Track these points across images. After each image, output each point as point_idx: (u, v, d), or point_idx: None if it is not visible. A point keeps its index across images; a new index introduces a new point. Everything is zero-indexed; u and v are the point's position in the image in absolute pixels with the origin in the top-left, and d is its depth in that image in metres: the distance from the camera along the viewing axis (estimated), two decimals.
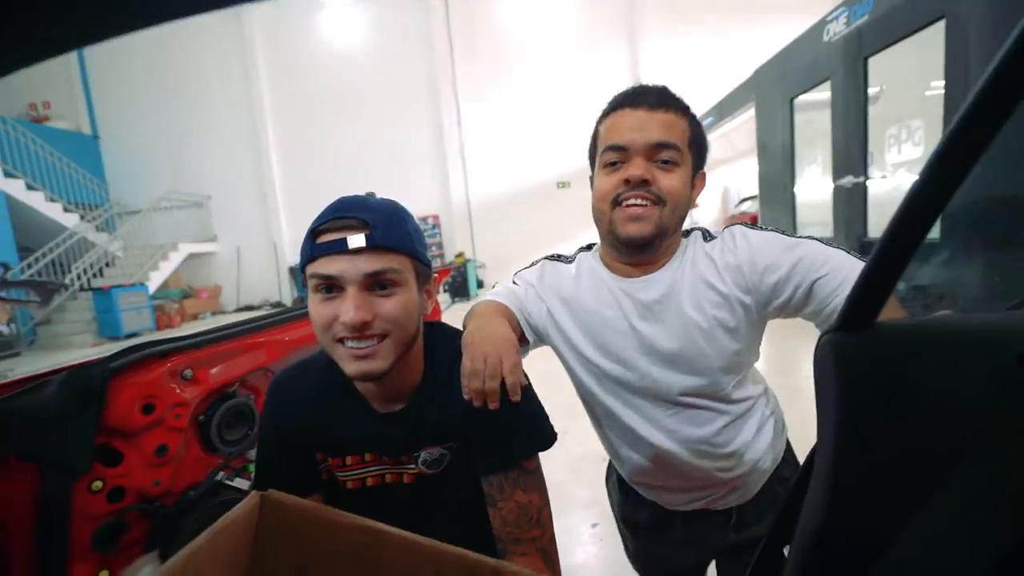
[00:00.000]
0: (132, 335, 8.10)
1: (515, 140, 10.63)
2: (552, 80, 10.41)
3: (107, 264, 9.82)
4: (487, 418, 0.70)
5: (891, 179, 4.12)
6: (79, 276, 8.93)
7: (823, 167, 5.13)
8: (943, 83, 3.30)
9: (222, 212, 11.45)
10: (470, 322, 0.81)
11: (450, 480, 0.76)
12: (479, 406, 0.70)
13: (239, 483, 1.21)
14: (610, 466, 1.04)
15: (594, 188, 0.83)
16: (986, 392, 0.35)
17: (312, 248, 0.65)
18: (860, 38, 4.22)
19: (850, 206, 4.55)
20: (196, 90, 11.22)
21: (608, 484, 1.08)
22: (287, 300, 11.25)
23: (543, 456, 0.75)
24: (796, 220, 5.76)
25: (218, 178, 11.32)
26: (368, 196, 0.72)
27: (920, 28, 3.53)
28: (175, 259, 10.41)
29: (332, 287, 0.65)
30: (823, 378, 0.40)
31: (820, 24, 4.84)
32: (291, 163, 11.24)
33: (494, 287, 0.94)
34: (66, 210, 9.69)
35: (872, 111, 4.26)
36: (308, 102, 11.00)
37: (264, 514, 0.45)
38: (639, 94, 0.79)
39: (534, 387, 0.76)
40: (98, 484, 0.96)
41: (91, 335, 8.23)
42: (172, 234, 10.76)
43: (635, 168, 0.76)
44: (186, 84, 11.22)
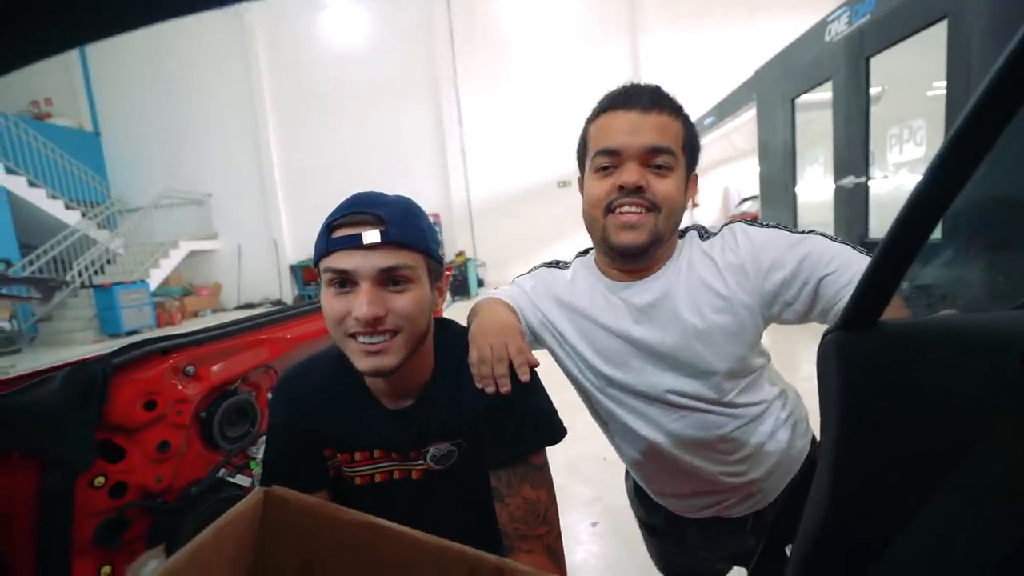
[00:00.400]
0: (133, 332, 8.10)
1: (516, 139, 10.62)
2: (553, 79, 10.40)
3: (108, 261, 9.82)
4: (496, 412, 0.71)
5: (893, 179, 4.11)
6: (80, 273, 8.94)
7: (824, 167, 5.13)
8: (945, 83, 3.29)
9: (223, 210, 11.45)
10: (473, 318, 0.82)
11: (458, 476, 0.76)
12: (492, 392, 0.71)
13: (240, 480, 1.21)
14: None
15: (585, 193, 0.80)
16: (989, 392, 0.35)
17: (327, 242, 0.65)
18: (862, 38, 4.21)
19: (851, 206, 4.54)
20: (197, 88, 11.21)
21: (627, 484, 1.07)
22: (288, 298, 11.25)
23: None
24: (797, 220, 5.75)
25: (219, 176, 11.33)
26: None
27: (922, 28, 3.53)
28: (176, 256, 10.41)
29: (346, 282, 0.65)
30: (826, 377, 0.40)
31: (821, 24, 4.83)
32: (292, 161, 11.24)
33: (496, 290, 0.94)
34: (67, 207, 9.69)
35: (874, 111, 4.25)
36: (309, 100, 10.99)
37: (268, 510, 0.45)
38: (631, 94, 0.76)
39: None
40: (100, 480, 0.96)
41: (92, 332, 8.23)
42: (173, 231, 10.76)
43: (629, 174, 0.73)
44: (187, 82, 11.21)
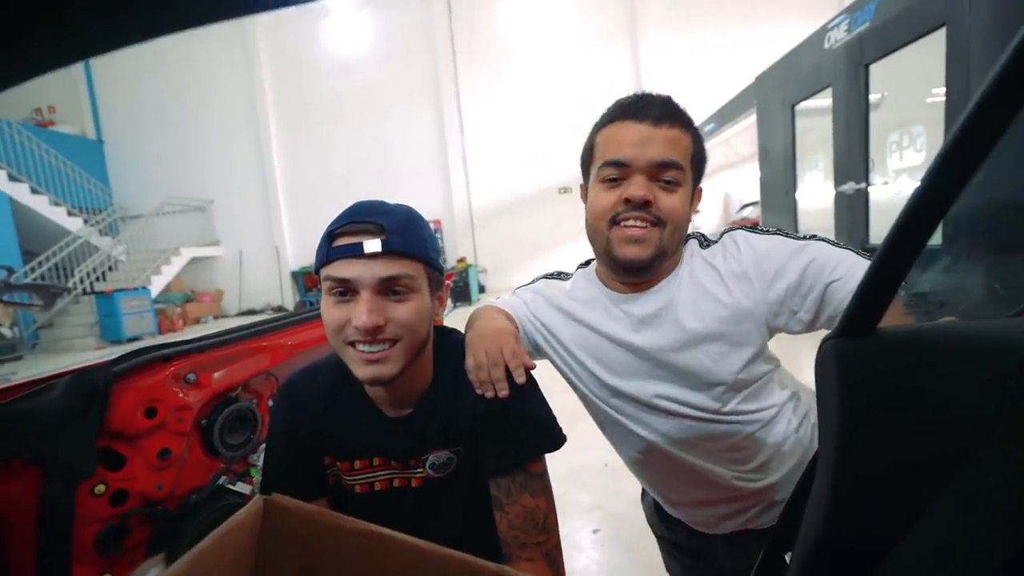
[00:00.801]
0: (134, 339, 8.10)
1: (517, 145, 10.67)
2: (554, 85, 10.46)
3: (110, 268, 9.85)
4: (495, 420, 0.71)
5: (893, 185, 4.12)
6: (82, 280, 8.96)
7: (825, 173, 5.14)
8: (944, 90, 3.31)
9: (225, 216, 11.49)
10: (470, 326, 0.82)
11: (457, 484, 0.76)
12: (491, 396, 0.71)
13: (241, 487, 1.21)
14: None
15: (589, 203, 0.79)
16: (987, 399, 0.35)
17: (328, 251, 0.65)
18: (861, 45, 4.24)
19: (852, 212, 4.55)
20: (200, 95, 11.29)
21: (644, 502, 1.05)
22: (289, 304, 11.26)
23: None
24: (798, 226, 5.76)
25: (221, 182, 11.38)
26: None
27: (921, 36, 3.55)
28: (177, 263, 10.43)
29: (346, 290, 0.65)
30: (825, 384, 0.40)
31: (821, 31, 4.86)
32: (294, 168, 11.29)
33: (496, 299, 0.93)
34: (70, 214, 9.72)
35: (873, 117, 4.27)
36: (311, 107, 11.06)
37: (268, 518, 0.45)
38: (642, 106, 0.74)
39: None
40: (101, 487, 0.96)
41: (93, 339, 8.24)
42: (175, 238, 10.79)
43: (636, 187, 0.72)
44: (190, 89, 11.29)
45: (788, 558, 0.59)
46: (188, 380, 1.12)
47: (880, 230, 4.27)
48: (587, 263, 0.92)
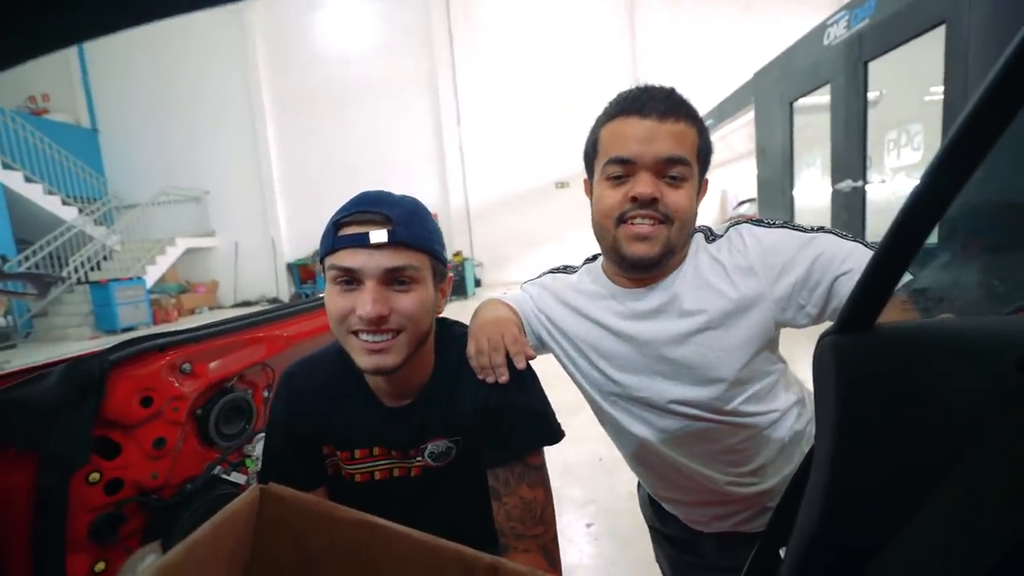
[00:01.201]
0: (129, 329, 8.07)
1: (514, 139, 10.63)
2: (552, 79, 10.42)
3: (105, 258, 9.79)
4: (495, 411, 0.72)
5: (890, 184, 4.13)
6: (76, 269, 8.90)
7: (822, 170, 5.15)
8: (943, 88, 3.31)
9: (220, 207, 11.43)
10: (474, 318, 0.83)
11: (455, 474, 0.76)
12: (491, 382, 0.72)
13: (236, 477, 1.21)
14: None
15: (595, 201, 0.78)
16: (985, 396, 0.35)
17: (334, 240, 0.65)
18: (860, 42, 4.24)
19: (849, 210, 4.57)
20: (196, 84, 11.19)
21: (639, 492, 1.06)
22: (284, 296, 11.24)
23: None
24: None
25: (217, 173, 11.30)
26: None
27: (920, 33, 3.55)
28: (173, 254, 10.38)
29: (351, 280, 0.65)
30: (822, 379, 0.40)
31: (820, 28, 4.85)
32: (289, 159, 11.23)
33: (503, 293, 0.93)
34: (64, 203, 9.66)
35: (871, 115, 4.28)
36: (307, 98, 10.98)
37: (264, 507, 0.45)
38: (646, 100, 0.72)
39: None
40: (96, 476, 0.96)
41: (88, 328, 8.20)
42: (170, 228, 10.73)
43: (643, 185, 0.71)
44: (186, 78, 11.18)
45: (782, 553, 0.60)
46: (184, 370, 1.12)
47: (877, 228, 4.29)
48: (594, 258, 0.92)
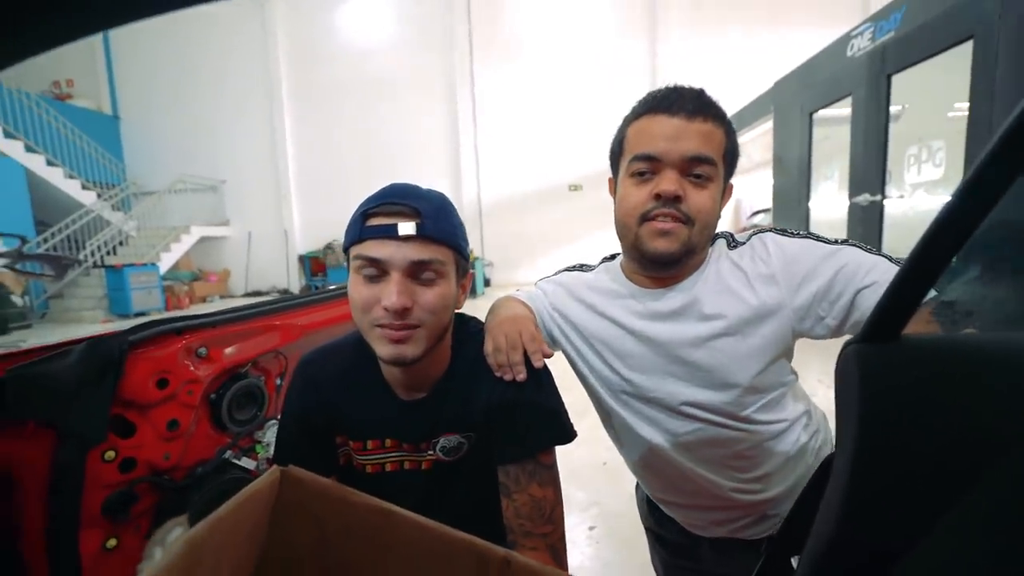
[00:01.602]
0: (141, 314, 8.18)
1: (529, 140, 10.64)
2: (569, 82, 10.41)
3: (120, 243, 9.93)
4: (509, 409, 0.72)
5: (909, 199, 4.08)
6: (93, 253, 9.04)
7: (839, 183, 5.10)
8: (967, 104, 3.27)
9: (235, 197, 11.54)
10: (490, 315, 0.83)
11: (466, 469, 0.76)
12: (509, 379, 0.72)
13: (246, 462, 1.22)
14: None
15: (620, 199, 0.78)
16: (1011, 411, 0.35)
17: (361, 230, 0.65)
18: (884, 55, 4.19)
19: (865, 224, 4.51)
20: (216, 75, 11.32)
21: (637, 494, 1.06)
22: (295, 287, 11.33)
23: None
24: None
25: (233, 163, 11.42)
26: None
27: (947, 47, 3.50)
28: (187, 241, 10.50)
29: (376, 270, 0.65)
30: (845, 388, 0.40)
31: (844, 39, 4.81)
32: (305, 152, 11.32)
33: (516, 291, 0.94)
34: (84, 188, 9.81)
35: (893, 129, 4.23)
36: (325, 92, 11.07)
37: (283, 489, 0.45)
38: (675, 99, 0.72)
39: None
40: (111, 454, 0.97)
41: (102, 312, 8.32)
42: (185, 216, 10.86)
43: (667, 183, 0.70)
44: (207, 69, 11.32)
45: (795, 563, 0.59)
46: (199, 354, 1.13)
47: (893, 244, 4.24)
48: (612, 257, 0.92)
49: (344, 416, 0.77)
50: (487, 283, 10.25)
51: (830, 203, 5.32)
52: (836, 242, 0.74)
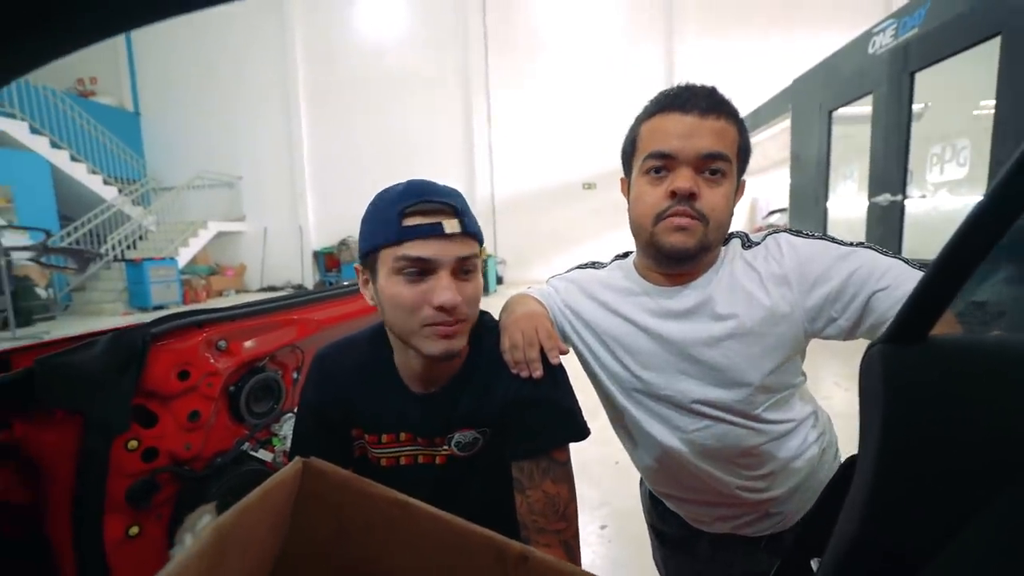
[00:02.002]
0: (159, 307, 8.34)
1: (544, 138, 10.62)
2: (584, 80, 10.36)
3: (140, 237, 10.12)
4: (524, 405, 0.72)
5: (931, 199, 4.00)
6: (114, 247, 9.22)
7: (858, 183, 5.01)
8: (994, 102, 3.19)
9: (252, 193, 11.69)
10: (505, 312, 0.84)
11: (481, 464, 0.77)
12: (526, 376, 0.73)
13: (263, 454, 1.25)
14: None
15: (634, 198, 0.78)
16: None
17: (400, 231, 0.65)
18: (907, 52, 4.10)
19: (885, 225, 4.43)
20: (233, 73, 11.47)
21: (641, 489, 1.07)
22: (309, 283, 11.45)
23: None
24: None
25: (250, 160, 11.57)
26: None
27: (973, 44, 3.42)
28: (204, 236, 10.67)
29: (421, 270, 0.65)
30: (870, 388, 0.39)
31: (866, 36, 4.72)
32: (321, 149, 11.42)
33: (528, 288, 0.94)
34: (105, 183, 10.01)
35: (915, 128, 4.14)
36: (342, 89, 11.15)
37: (305, 480, 0.46)
38: (688, 96, 0.72)
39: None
40: (134, 443, 0.99)
41: (122, 304, 8.50)
42: (203, 212, 11.04)
43: (682, 180, 0.70)
44: (225, 67, 11.48)
45: (814, 565, 0.59)
46: (219, 347, 1.15)
47: (914, 245, 4.15)
48: (625, 255, 0.92)
49: (360, 410, 0.78)
50: (499, 281, 10.26)
51: (849, 203, 5.23)
52: (851, 244, 0.74)
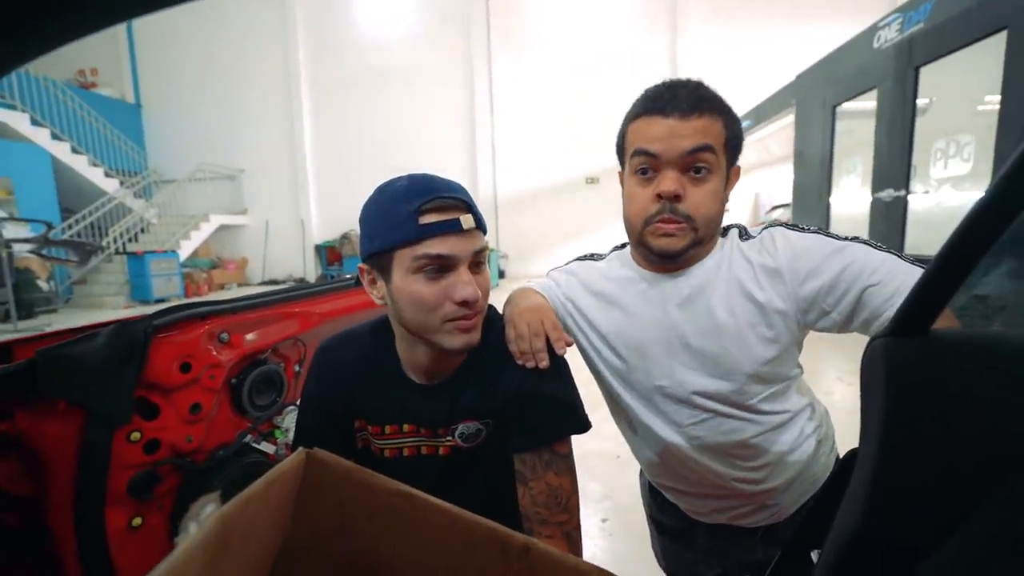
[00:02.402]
0: (161, 300, 8.35)
1: (546, 132, 10.59)
2: (588, 74, 10.31)
3: (142, 230, 10.13)
4: (527, 397, 0.73)
5: (934, 195, 3.98)
6: (115, 240, 9.24)
7: (862, 178, 4.99)
8: (999, 98, 3.17)
9: (254, 187, 11.68)
10: (508, 304, 0.84)
11: (483, 456, 0.77)
12: (531, 367, 0.73)
13: (265, 447, 1.25)
14: None
15: (626, 196, 0.79)
16: None
17: (417, 229, 0.64)
18: (912, 47, 4.08)
19: (888, 220, 4.42)
20: (236, 65, 11.43)
21: (641, 480, 1.08)
22: (311, 277, 11.46)
23: None
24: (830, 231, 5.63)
25: (252, 153, 11.55)
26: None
27: (979, 39, 3.39)
28: (206, 229, 10.67)
29: (440, 267, 0.66)
30: (871, 382, 0.39)
31: (871, 30, 4.68)
32: (323, 142, 11.40)
33: (528, 282, 0.95)
34: (107, 175, 10.01)
35: (919, 123, 4.12)
36: (343, 82, 11.12)
37: (308, 471, 0.46)
38: (669, 99, 0.73)
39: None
40: (136, 435, 1.00)
41: (123, 297, 8.52)
42: (205, 205, 11.03)
43: (667, 183, 0.72)
44: (227, 59, 11.44)
45: (814, 557, 0.59)
46: (222, 339, 1.15)
47: (917, 240, 4.14)
48: (623, 245, 0.92)
49: (363, 401, 0.78)
50: (502, 275, 10.27)
51: (852, 198, 5.21)
52: (845, 239, 0.74)
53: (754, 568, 0.91)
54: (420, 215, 0.64)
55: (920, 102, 4.10)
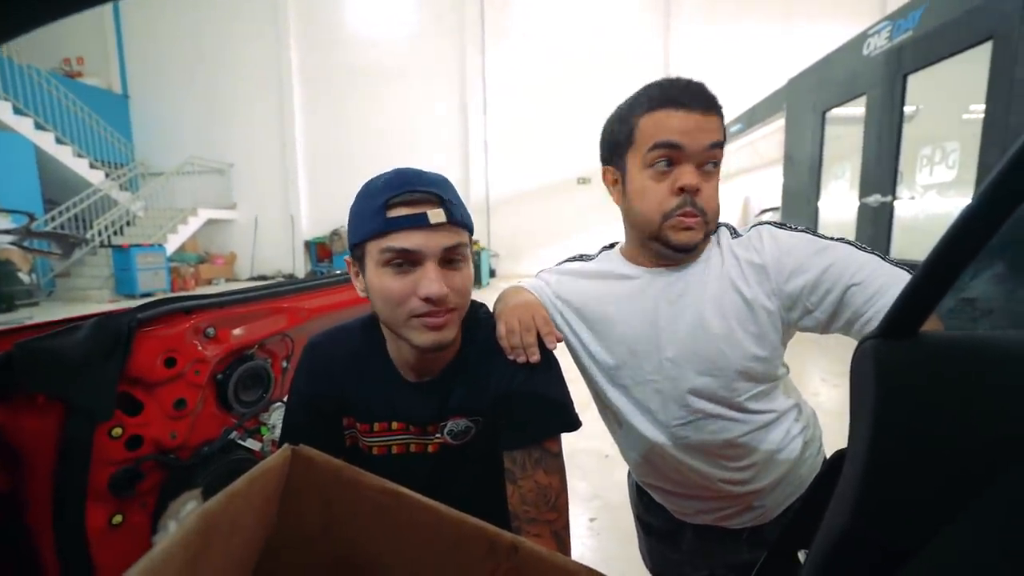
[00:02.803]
0: (147, 295, 8.23)
1: (539, 132, 10.59)
2: (580, 75, 10.33)
3: (128, 223, 9.96)
4: (517, 395, 0.73)
5: (920, 201, 4.05)
6: (100, 233, 9.07)
7: (850, 183, 5.06)
8: (983, 106, 3.22)
9: (243, 181, 11.55)
10: (500, 302, 0.85)
11: (473, 453, 0.77)
12: (523, 361, 0.73)
13: (251, 443, 1.23)
14: None
15: (637, 191, 0.77)
16: None
17: (385, 222, 0.64)
18: (901, 54, 4.13)
19: (875, 225, 4.48)
20: (227, 58, 11.29)
21: (628, 481, 1.08)
22: (300, 273, 11.36)
23: None
24: None
25: (242, 147, 11.42)
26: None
27: (965, 48, 3.45)
28: (194, 224, 10.53)
29: (405, 261, 0.65)
30: (861, 384, 0.39)
31: (861, 37, 4.75)
32: (314, 138, 11.29)
33: (519, 282, 0.95)
34: (92, 167, 9.83)
35: (906, 130, 4.18)
36: (335, 78, 11.02)
37: (294, 468, 0.46)
38: (688, 94, 0.73)
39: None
40: (118, 431, 0.98)
41: (108, 291, 8.37)
42: (193, 199, 10.88)
43: (689, 176, 0.73)
44: (218, 52, 11.29)
45: (802, 557, 0.59)
46: (207, 334, 1.13)
47: (903, 245, 4.21)
48: (611, 245, 0.93)
49: (352, 398, 0.77)
50: (492, 274, 10.25)
51: (840, 203, 5.28)
52: (831, 239, 0.75)
53: (740, 569, 0.91)
54: (388, 208, 0.64)
55: (907, 109, 4.17)
